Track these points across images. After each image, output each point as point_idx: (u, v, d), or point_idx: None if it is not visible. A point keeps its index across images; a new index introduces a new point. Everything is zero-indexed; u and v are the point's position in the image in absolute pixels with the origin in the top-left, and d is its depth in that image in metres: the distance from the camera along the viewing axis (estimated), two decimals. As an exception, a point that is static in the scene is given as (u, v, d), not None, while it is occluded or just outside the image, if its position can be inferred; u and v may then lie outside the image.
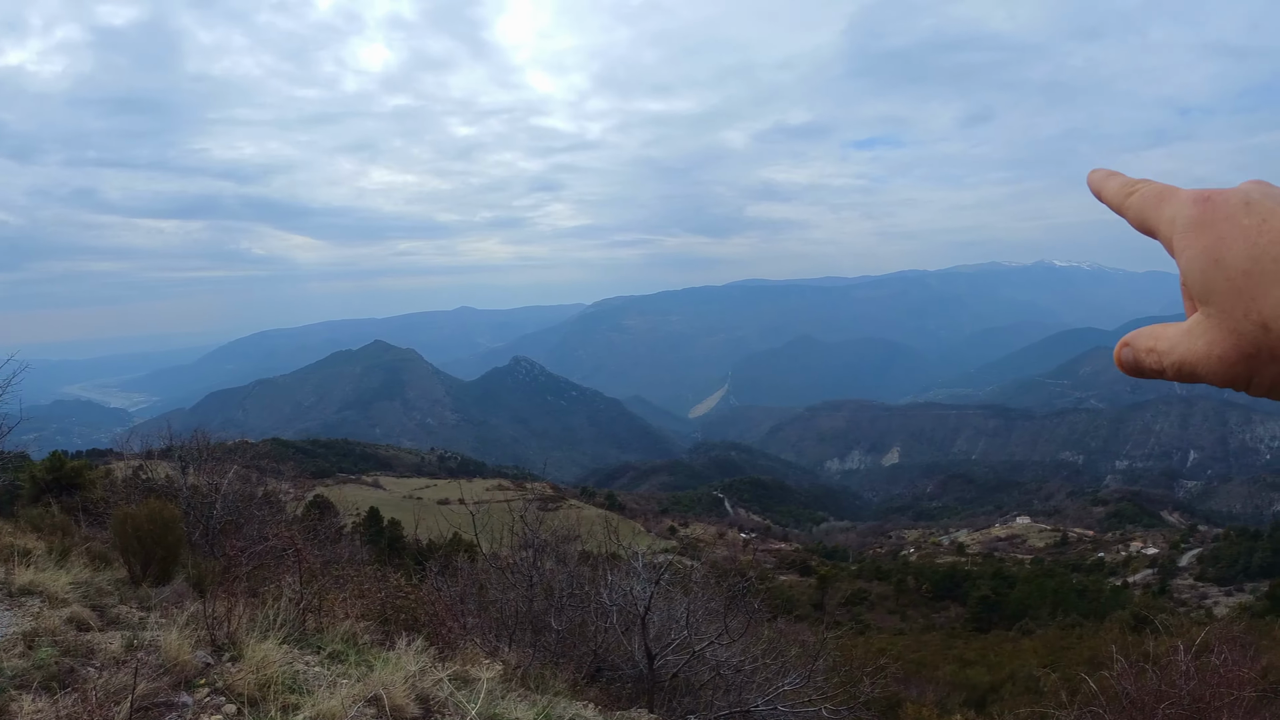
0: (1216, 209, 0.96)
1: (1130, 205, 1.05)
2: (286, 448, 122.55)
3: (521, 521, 11.31)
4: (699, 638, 9.73)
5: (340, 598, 7.25)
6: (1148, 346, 0.99)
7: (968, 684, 22.21)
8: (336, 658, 6.09)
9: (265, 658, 5.42)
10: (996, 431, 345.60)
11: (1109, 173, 1.13)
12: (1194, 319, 0.97)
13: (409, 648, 6.13)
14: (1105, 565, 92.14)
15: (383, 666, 5.76)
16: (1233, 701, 8.61)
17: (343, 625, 6.59)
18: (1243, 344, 0.95)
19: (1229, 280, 0.95)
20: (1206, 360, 0.96)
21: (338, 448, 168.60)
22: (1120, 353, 1.03)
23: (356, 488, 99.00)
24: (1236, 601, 60.48)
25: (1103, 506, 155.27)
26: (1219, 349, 0.95)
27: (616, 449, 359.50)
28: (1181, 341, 0.96)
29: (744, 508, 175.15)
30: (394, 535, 41.14)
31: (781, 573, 78.79)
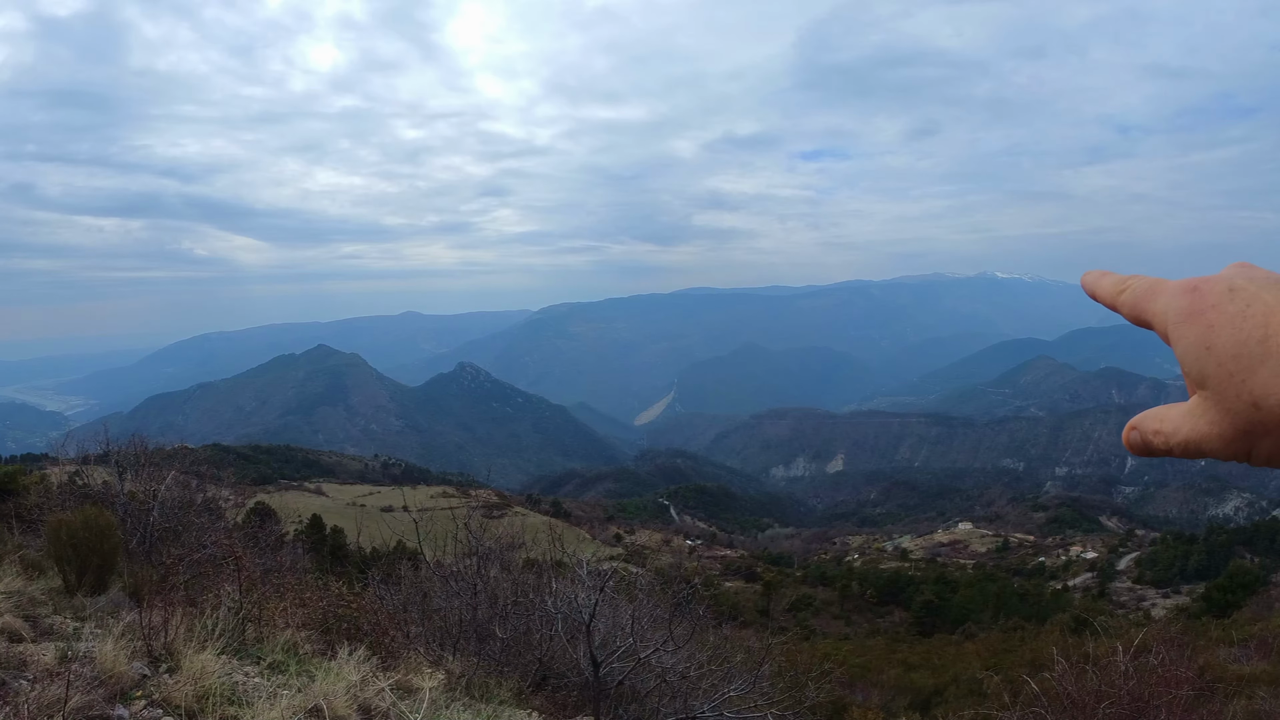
0: (1204, 298, 1.02)
1: (1124, 302, 1.09)
2: (227, 453, 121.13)
3: (465, 529, 11.23)
4: (644, 645, 9.71)
5: (281, 607, 7.13)
6: (1154, 429, 1.05)
7: (912, 687, 22.39)
8: (277, 668, 5.99)
9: (203, 669, 5.31)
10: (939, 439, 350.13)
11: (1101, 273, 1.16)
12: (1194, 401, 1.03)
13: (351, 657, 6.05)
14: (1046, 569, 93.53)
15: (324, 677, 5.68)
16: (1170, 700, 8.77)
17: (283, 635, 6.48)
18: (1238, 422, 1.01)
19: (1220, 365, 1.01)
20: (1209, 439, 1.01)
21: (280, 454, 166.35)
22: (1128, 436, 1.08)
23: (299, 495, 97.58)
24: (1173, 603, 61.64)
25: (1043, 512, 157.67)
26: (1218, 428, 1.01)
27: (562, 456, 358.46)
28: (1185, 423, 1.02)
29: (690, 514, 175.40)
30: (337, 543, 40.60)
31: (727, 579, 78.96)
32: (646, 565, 56.36)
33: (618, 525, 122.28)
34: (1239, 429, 1.02)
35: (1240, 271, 1.04)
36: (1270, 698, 12.21)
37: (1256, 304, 1.02)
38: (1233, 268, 1.05)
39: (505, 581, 10.46)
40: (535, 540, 13.59)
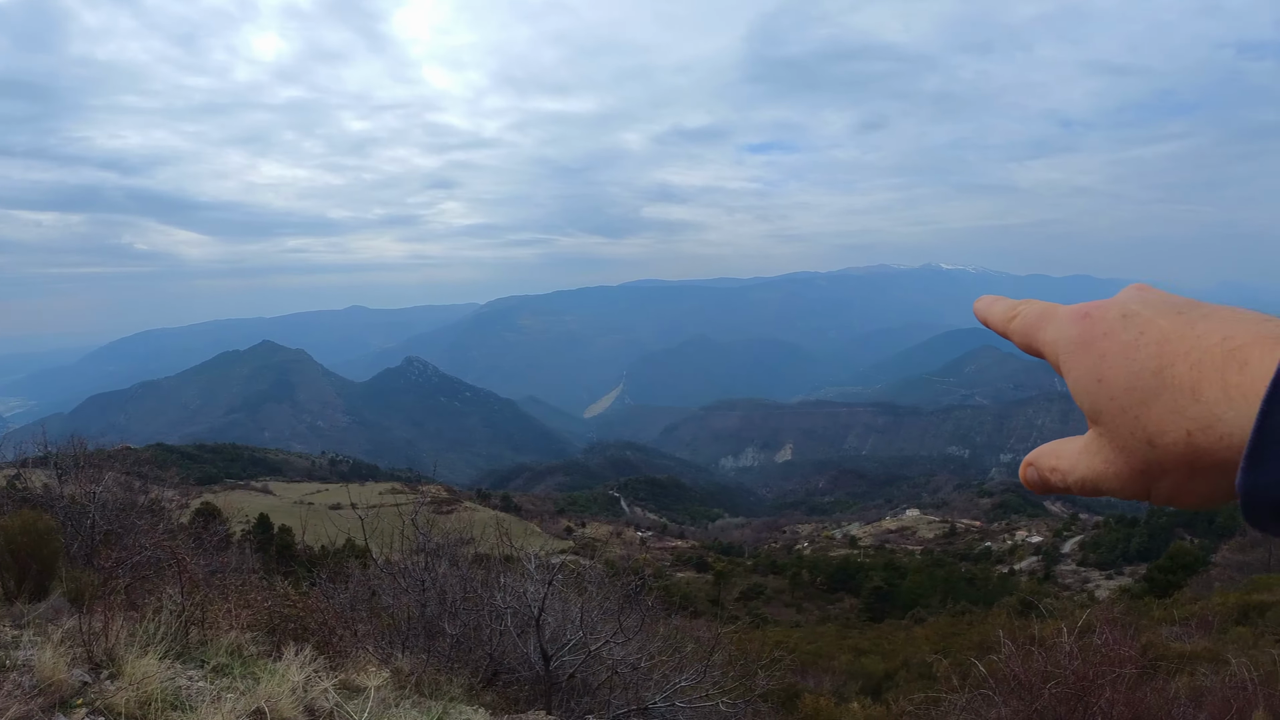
0: (1095, 325, 0.94)
1: (1014, 330, 1.04)
2: (171, 453, 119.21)
3: (413, 525, 11.16)
4: (594, 637, 9.70)
5: (225, 608, 7.02)
6: (1051, 466, 0.97)
7: (863, 672, 22.55)
8: (221, 671, 5.90)
9: (146, 674, 5.22)
10: (886, 428, 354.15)
11: (993, 299, 1.11)
12: (1089, 437, 0.95)
13: (297, 658, 5.98)
14: (992, 554, 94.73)
15: (269, 678, 5.60)
16: (1115, 679, 8.92)
17: (227, 637, 6.38)
18: (1134, 461, 0.94)
19: (1113, 399, 0.94)
20: (1105, 478, 0.94)
21: (225, 452, 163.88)
22: (1025, 473, 1.00)
23: (245, 494, 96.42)
24: (1116, 584, 62.60)
25: (989, 498, 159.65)
26: (1114, 467, 0.94)
27: (512, 450, 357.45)
28: (1081, 461, 0.95)
29: (640, 506, 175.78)
30: (284, 542, 40.21)
31: (679, 570, 79.25)
32: (597, 558, 56.35)
33: (568, 518, 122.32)
34: (1135, 468, 0.94)
35: (1135, 295, 0.95)
36: (1211, 673, 12.46)
37: (1150, 331, 0.94)
38: (1129, 290, 0.96)
39: (454, 577, 10.39)
40: (485, 535, 13.53)
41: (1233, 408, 0.92)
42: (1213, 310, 0.93)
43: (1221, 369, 0.92)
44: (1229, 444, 0.92)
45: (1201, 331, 0.93)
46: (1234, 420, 0.92)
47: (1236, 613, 20.24)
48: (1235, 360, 0.92)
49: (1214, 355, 0.92)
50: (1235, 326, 0.92)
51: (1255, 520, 0.90)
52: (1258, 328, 0.92)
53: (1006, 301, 1.08)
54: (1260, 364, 0.92)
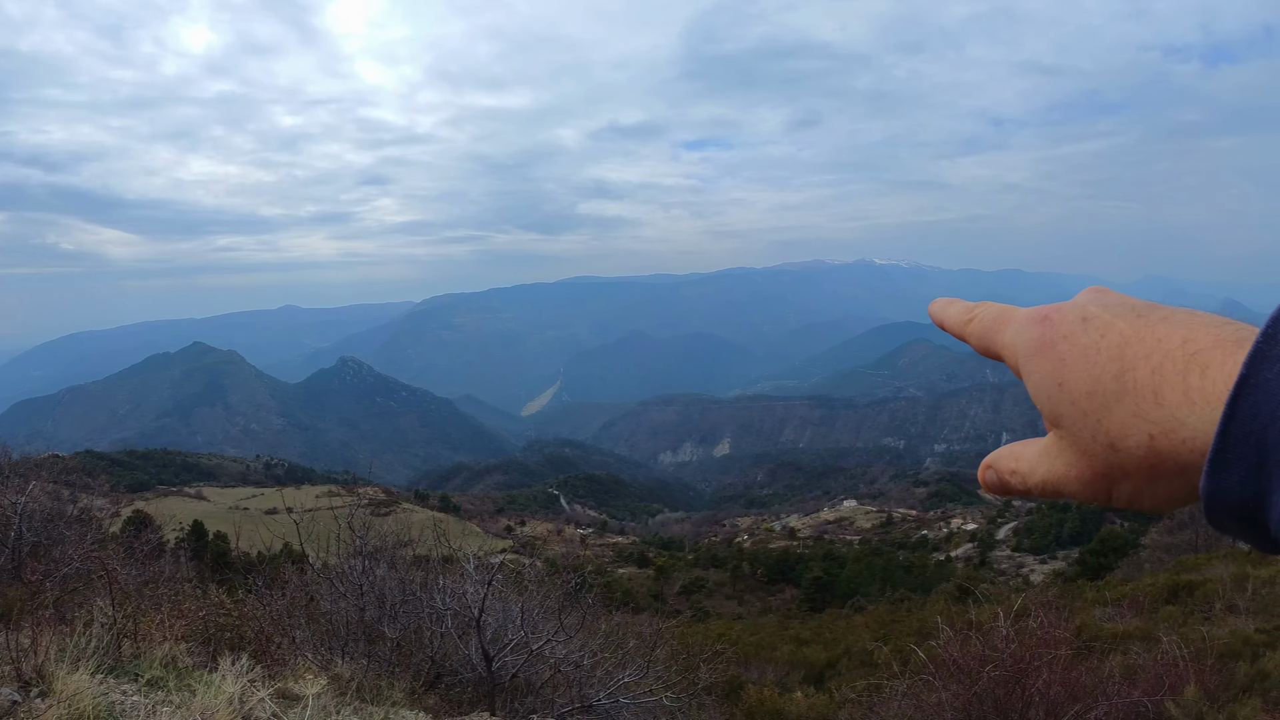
0: (1055, 328, 0.93)
1: (971, 332, 1.03)
2: (101, 460, 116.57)
3: (349, 528, 11.02)
4: (536, 636, 9.66)
5: (158, 619, 6.87)
6: (1010, 469, 0.97)
7: (805, 662, 22.69)
8: (155, 684, 5.76)
9: (77, 690, 5.07)
10: (822, 420, 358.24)
11: (948, 301, 1.11)
12: (1049, 440, 0.94)
13: (233, 668, 5.86)
14: (929, 542, 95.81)
15: (205, 690, 5.49)
16: (1051, 660, 9.09)
17: (161, 649, 6.24)
18: (1095, 465, 0.92)
19: (1074, 403, 0.93)
20: (1066, 481, 0.93)
21: (157, 458, 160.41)
22: (984, 475, 1.01)
23: (178, 500, 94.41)
24: (1050, 569, 63.69)
25: (924, 487, 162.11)
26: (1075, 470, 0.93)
27: (449, 449, 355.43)
28: (1041, 463, 0.94)
29: (580, 503, 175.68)
30: (219, 549, 39.45)
31: (620, 566, 79.29)
32: (538, 556, 56.21)
33: (508, 517, 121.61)
34: (1096, 471, 0.93)
35: (1094, 297, 0.94)
36: (1143, 652, 12.74)
37: (1111, 334, 0.92)
38: (1087, 293, 0.96)
39: (393, 580, 10.28)
40: (423, 536, 13.42)
41: (1195, 412, 0.92)
42: (1171, 313, 0.92)
43: (1183, 373, 0.92)
44: (1191, 448, 0.92)
45: (1161, 335, 0.92)
46: (1196, 424, 0.92)
47: (1166, 593, 20.71)
48: (1196, 364, 0.92)
49: (1175, 359, 0.92)
50: (1195, 330, 0.92)
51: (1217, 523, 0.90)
52: (1217, 331, 0.92)
53: (962, 304, 1.08)
54: (1221, 368, 0.92)
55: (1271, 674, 11.48)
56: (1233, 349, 0.91)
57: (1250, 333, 0.91)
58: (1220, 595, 18.29)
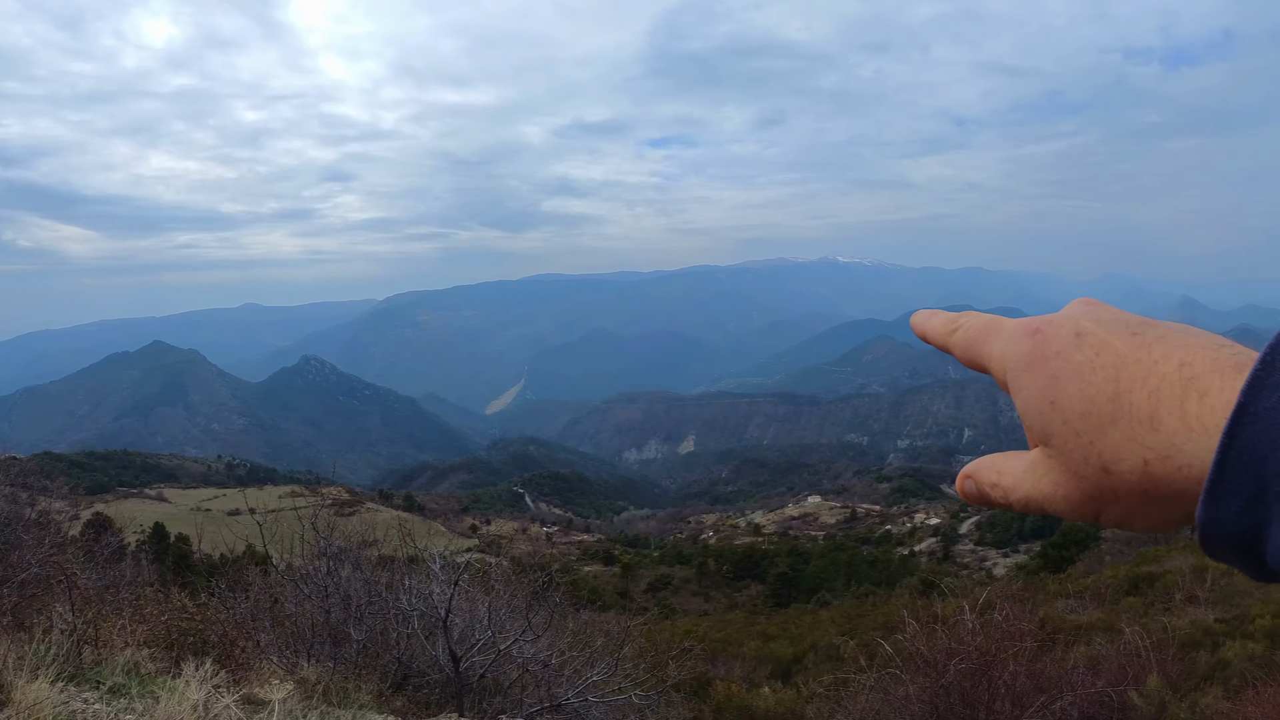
0: (1048, 343, 0.90)
1: (956, 343, 1.01)
2: (59, 462, 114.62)
3: (313, 529, 10.91)
4: (503, 636, 9.61)
5: (119, 624, 6.76)
6: (991, 481, 0.94)
7: (772, 657, 22.75)
8: (118, 691, 5.66)
9: (37, 699, 4.97)
10: (786, 417, 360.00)
11: (931, 312, 1.09)
12: (1036, 456, 0.91)
13: (197, 673, 5.77)
14: (893, 537, 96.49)
15: (168, 697, 5.40)
16: (1016, 652, 9.16)
17: (123, 655, 6.13)
18: (1086, 487, 0.89)
19: (1066, 423, 0.90)
20: (1052, 500, 0.90)
21: (116, 460, 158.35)
22: (963, 484, 0.98)
23: (139, 502, 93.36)
24: (1013, 562, 64.22)
25: (887, 483, 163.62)
26: (1062, 490, 0.90)
27: (413, 449, 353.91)
28: (1025, 480, 0.91)
29: (545, 502, 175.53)
30: (181, 552, 39.04)
31: (585, 564, 79.21)
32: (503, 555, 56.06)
33: (473, 516, 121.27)
34: (1086, 493, 0.90)
35: (1087, 311, 0.91)
36: (1106, 642, 12.91)
37: (1106, 354, 0.90)
38: (1078, 305, 0.94)
39: (358, 581, 10.20)
40: (388, 537, 13.33)
41: (1191, 438, 0.89)
42: (1167, 331, 0.90)
43: (1180, 397, 0.89)
44: (1187, 474, 0.89)
45: (1158, 356, 0.89)
46: (1193, 451, 0.89)
47: (1127, 584, 21.01)
48: (1194, 389, 0.89)
49: (1172, 383, 0.89)
50: (1192, 352, 0.89)
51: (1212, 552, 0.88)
52: (1214, 355, 0.89)
53: (945, 315, 1.06)
54: (1219, 394, 0.89)
55: (1232, 662, 11.65)
56: (1231, 375, 0.89)
57: (1248, 357, 0.89)
58: (1180, 586, 18.54)
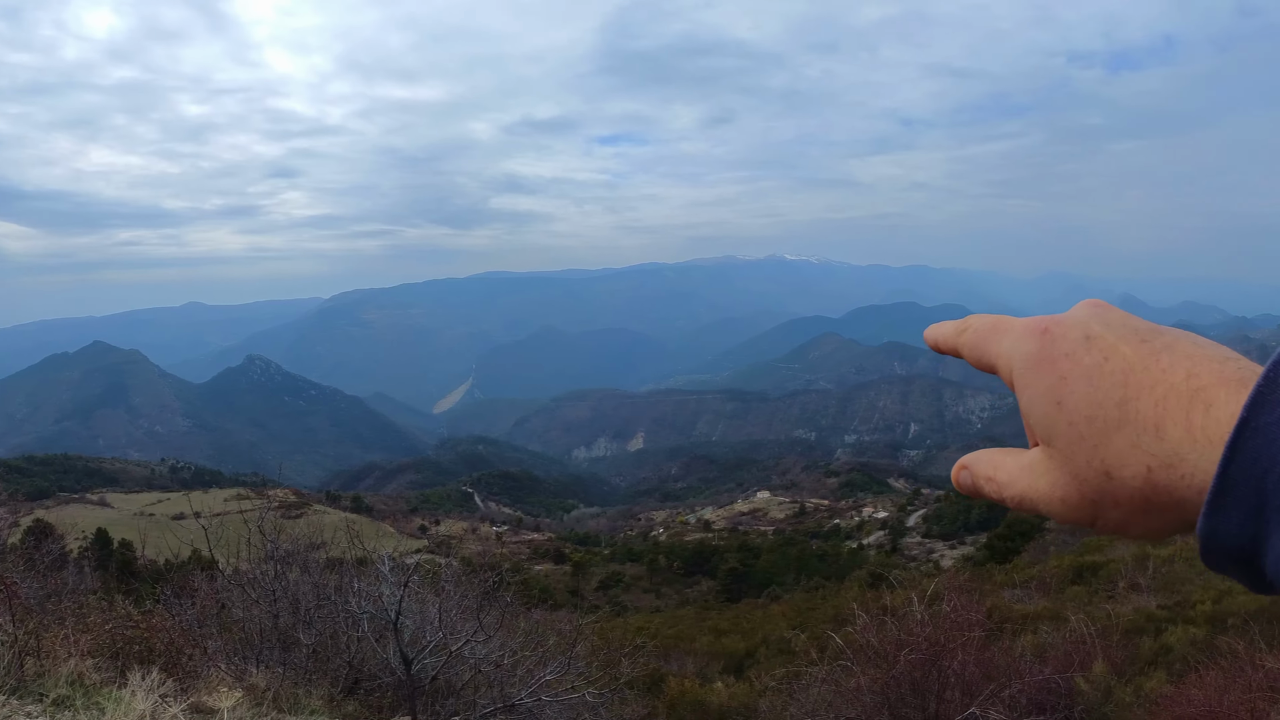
0: (1056, 344, 0.90)
1: (964, 344, 1.02)
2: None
3: (259, 532, 10.77)
4: (455, 637, 9.56)
5: (62, 634, 6.63)
6: (987, 475, 0.96)
7: (725, 652, 22.91)
8: (62, 704, 5.54)
9: (-25, 710, 4.88)
10: (735, 414, 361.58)
11: (941, 324, 1.09)
12: (1036, 455, 0.92)
13: (143, 683, 5.67)
14: (841, 531, 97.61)
15: (114, 708, 5.30)
16: (965, 642, 9.29)
17: (67, 666, 6.00)
18: (1086, 490, 0.90)
19: (1071, 425, 0.90)
20: (1049, 501, 0.90)
21: (57, 464, 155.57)
22: (958, 475, 1.00)
23: (81, 508, 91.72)
24: (960, 553, 65.17)
25: (835, 477, 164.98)
26: (1061, 491, 0.90)
27: (361, 449, 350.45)
28: (1022, 477, 0.92)
29: (495, 501, 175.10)
30: (124, 558, 38.32)
31: (536, 563, 79.11)
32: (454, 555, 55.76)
33: (422, 517, 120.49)
34: (1085, 496, 0.90)
35: (1095, 314, 0.92)
36: (1052, 630, 13.16)
37: (1115, 359, 0.90)
38: (1086, 307, 0.95)
39: (306, 584, 10.09)
40: (336, 539, 13.21)
41: (1196, 449, 0.90)
42: (1174, 340, 0.90)
43: (1187, 408, 0.90)
44: (1189, 484, 0.90)
45: (1166, 365, 0.90)
46: (1196, 461, 0.90)
47: (1071, 574, 21.43)
48: (1200, 400, 0.90)
49: (1180, 393, 0.90)
50: (1199, 364, 0.90)
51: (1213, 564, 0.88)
52: (1220, 367, 0.90)
53: (954, 321, 1.07)
54: (1225, 407, 0.90)
55: (1174, 647, 11.93)
56: (1236, 389, 0.90)
57: (1253, 372, 0.90)
58: (1123, 574, 18.96)
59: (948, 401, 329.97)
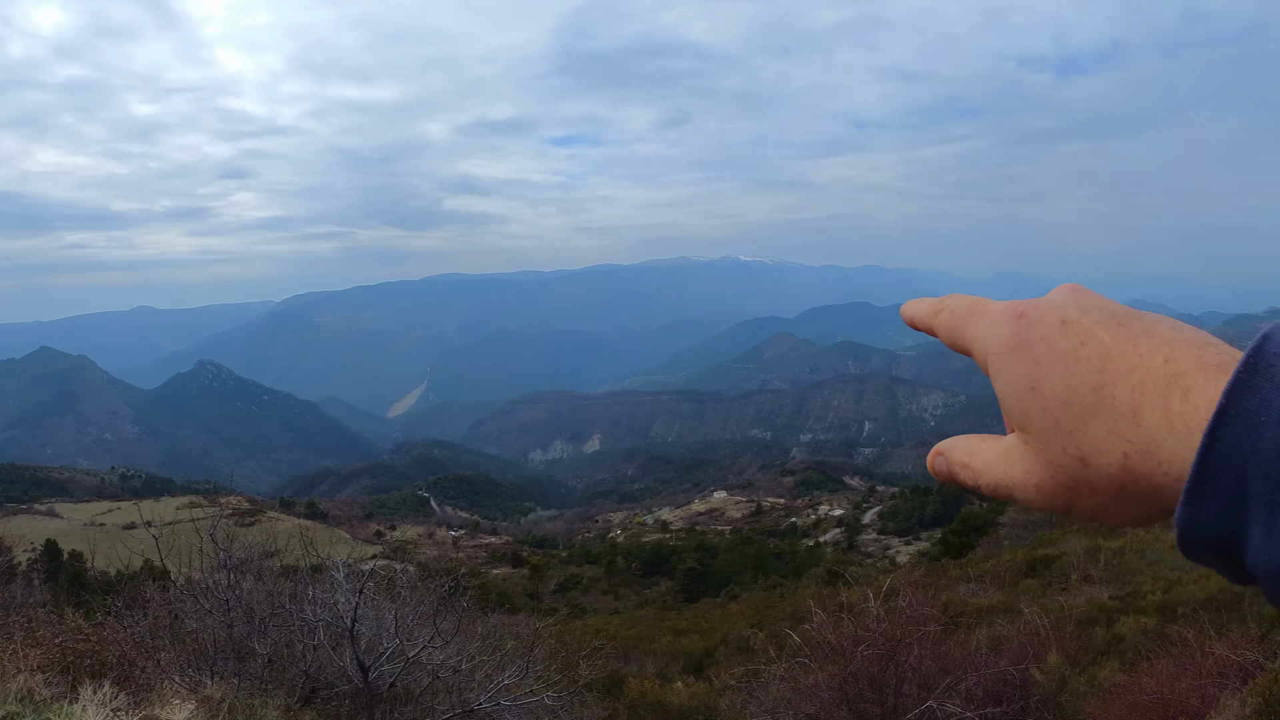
0: (1032, 329, 0.90)
1: (940, 324, 1.01)
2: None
3: (211, 540, 10.64)
4: (412, 643, 9.51)
5: (10, 649, 6.51)
6: (963, 462, 0.95)
7: (684, 652, 22.97)
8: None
9: (-79, 728, 4.78)
10: (690, 414, 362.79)
11: (918, 300, 1.08)
12: (1011, 442, 0.91)
13: (95, 697, 5.58)
14: (798, 529, 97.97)
15: (66, 723, 5.23)
16: (921, 636, 9.40)
17: (16, 681, 5.89)
18: (1061, 476, 0.87)
19: (1046, 411, 0.87)
20: (1024, 488, 0.89)
21: (4, 474, 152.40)
22: (933, 461, 0.99)
23: (29, 519, 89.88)
24: (915, 549, 65.68)
25: (791, 476, 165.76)
26: (1036, 479, 0.88)
27: (315, 454, 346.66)
28: (997, 464, 0.91)
29: (451, 505, 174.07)
30: (75, 570, 37.84)
31: (494, 566, 78.80)
32: (410, 560, 55.39)
33: (378, 522, 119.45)
34: (1061, 483, 0.87)
35: (1072, 299, 0.92)
36: (1007, 623, 13.33)
37: (1091, 344, 0.87)
38: (1063, 291, 0.94)
39: (260, 593, 9.98)
40: (290, 546, 13.09)
41: (1173, 436, 0.88)
42: (1153, 325, 0.88)
43: (1164, 394, 0.88)
44: (1166, 471, 0.88)
45: (1144, 350, 0.88)
46: (1174, 448, 0.88)
47: (1025, 567, 21.75)
48: (1178, 386, 0.88)
49: (1157, 378, 0.88)
50: (1178, 349, 0.88)
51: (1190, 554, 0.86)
52: (1199, 352, 0.88)
53: (931, 300, 1.06)
54: (1203, 393, 0.88)
55: (1126, 637, 12.15)
56: (1215, 374, 0.88)
57: (1232, 358, 0.88)
58: (1076, 567, 19.26)
59: (901, 400, 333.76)
